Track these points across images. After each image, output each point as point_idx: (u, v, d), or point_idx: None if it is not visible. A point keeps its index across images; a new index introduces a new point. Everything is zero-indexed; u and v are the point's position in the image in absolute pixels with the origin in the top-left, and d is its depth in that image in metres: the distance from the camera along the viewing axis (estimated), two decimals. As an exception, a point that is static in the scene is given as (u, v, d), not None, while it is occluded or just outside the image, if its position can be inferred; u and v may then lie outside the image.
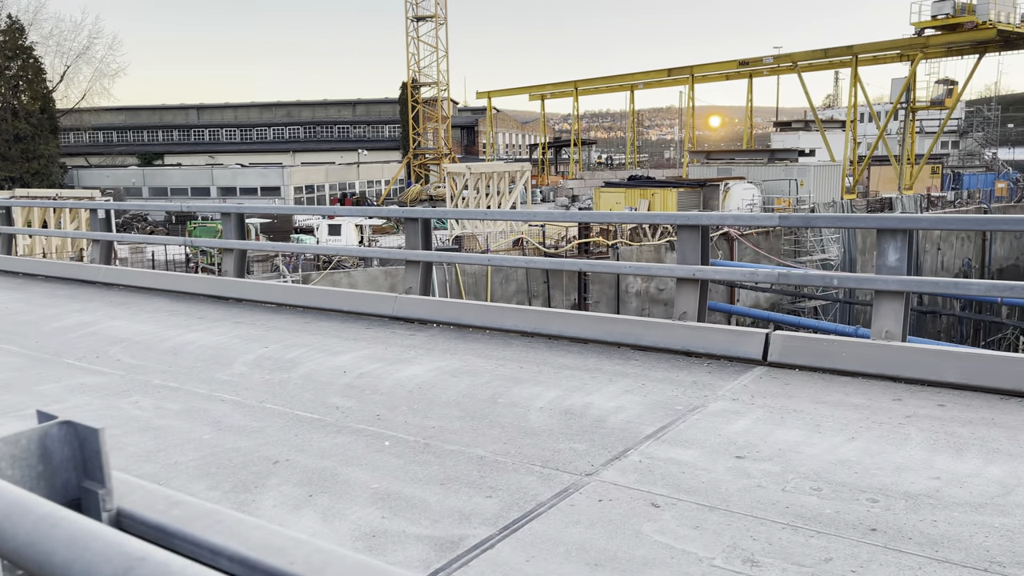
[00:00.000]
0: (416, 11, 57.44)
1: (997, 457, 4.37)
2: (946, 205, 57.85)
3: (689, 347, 6.63)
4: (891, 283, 5.92)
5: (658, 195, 47.68)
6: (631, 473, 4.35)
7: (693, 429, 4.99)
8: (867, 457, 4.45)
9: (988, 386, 5.43)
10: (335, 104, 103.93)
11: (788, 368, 6.20)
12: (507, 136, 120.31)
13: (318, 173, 56.54)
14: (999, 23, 45.66)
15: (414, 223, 8.51)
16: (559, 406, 5.53)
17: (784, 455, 4.53)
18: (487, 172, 35.04)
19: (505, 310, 7.79)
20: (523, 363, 6.66)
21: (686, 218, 6.81)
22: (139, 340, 7.91)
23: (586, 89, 75.30)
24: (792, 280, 6.92)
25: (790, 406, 5.35)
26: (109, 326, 8.65)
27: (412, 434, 5.07)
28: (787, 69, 57.80)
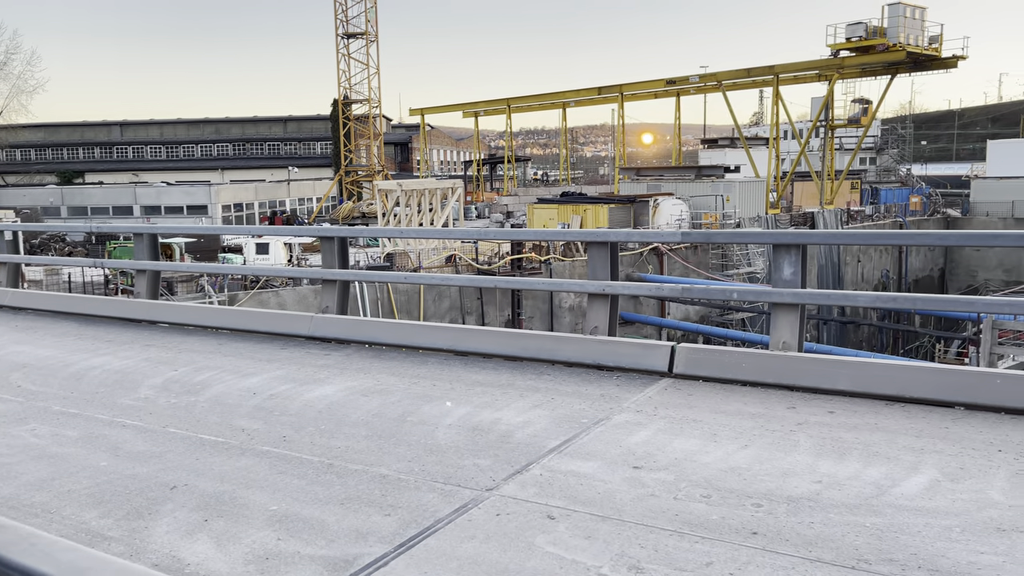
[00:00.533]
0: (347, 28, 57.18)
1: (876, 460, 4.60)
2: (865, 219, 60.24)
3: (600, 361, 6.77)
4: (786, 296, 6.18)
5: (590, 211, 48.33)
6: (531, 487, 4.43)
7: (596, 442, 5.10)
8: (757, 464, 4.63)
9: (876, 393, 5.70)
10: (266, 121, 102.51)
11: (693, 379, 6.39)
12: (442, 153, 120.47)
13: (247, 191, 55.55)
14: (908, 45, 47.95)
15: (330, 242, 8.48)
16: (468, 423, 5.58)
17: (679, 464, 4.67)
18: (419, 189, 35.00)
19: (421, 328, 7.82)
20: (436, 381, 6.70)
21: (595, 235, 6.98)
22: (42, 365, 7.66)
23: (519, 107, 76.05)
24: (694, 294, 7.16)
25: (690, 416, 5.52)
26: (12, 351, 8.35)
27: (317, 455, 5.06)
28: (713, 88, 59.49)
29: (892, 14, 47.76)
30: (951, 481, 4.27)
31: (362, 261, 32.47)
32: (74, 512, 4.27)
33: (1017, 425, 5.06)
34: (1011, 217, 62.69)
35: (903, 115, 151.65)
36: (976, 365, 19.37)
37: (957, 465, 4.47)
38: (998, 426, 5.06)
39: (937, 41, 50.60)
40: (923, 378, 5.57)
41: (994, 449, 4.68)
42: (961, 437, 4.90)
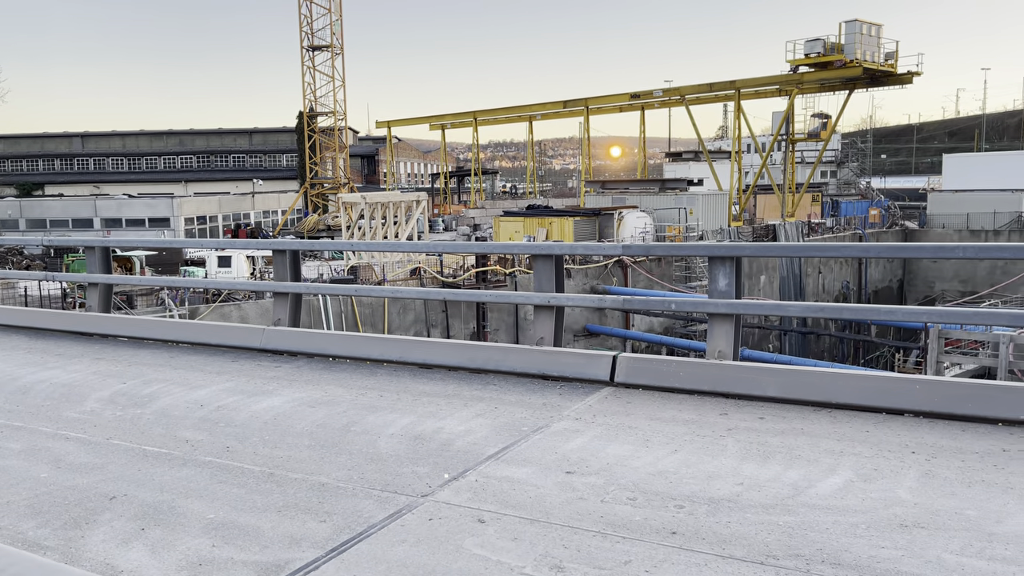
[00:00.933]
0: (312, 41, 57.11)
1: (797, 463, 4.81)
2: (826, 231, 61.40)
3: (545, 371, 6.93)
4: (721, 306, 6.40)
5: (555, 224, 48.68)
6: (465, 492, 4.56)
7: (533, 448, 5.25)
8: (684, 468, 4.81)
9: (804, 399, 5.93)
10: (231, 133, 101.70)
11: (633, 388, 6.57)
12: (409, 165, 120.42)
13: (211, 204, 55.07)
14: (865, 61, 49.14)
15: (282, 255, 8.56)
16: (411, 432, 5.70)
17: (610, 469, 4.84)
18: (383, 202, 35.02)
19: (371, 340, 7.92)
20: (384, 391, 6.81)
21: (540, 248, 7.15)
22: (-11, 380, 7.62)
23: (485, 120, 76.39)
24: (634, 305, 7.34)
25: (626, 423, 5.70)
26: (-42, 366, 8.28)
27: (259, 464, 5.14)
28: (676, 102, 60.36)
29: (849, 31, 48.94)
30: (864, 481, 4.48)
31: (325, 274, 32.39)
32: (12, 523, 4.31)
33: (933, 428, 5.31)
34: (966, 229, 64.30)
35: (864, 129, 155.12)
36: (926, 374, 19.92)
37: (872, 467, 4.69)
38: (915, 429, 5.30)
39: (893, 57, 51.91)
40: (848, 384, 5.80)
41: (908, 451, 4.91)
42: (879, 440, 5.13)
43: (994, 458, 4.74)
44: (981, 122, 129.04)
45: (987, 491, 4.27)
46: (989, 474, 4.50)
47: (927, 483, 4.42)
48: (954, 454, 4.83)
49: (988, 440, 5.03)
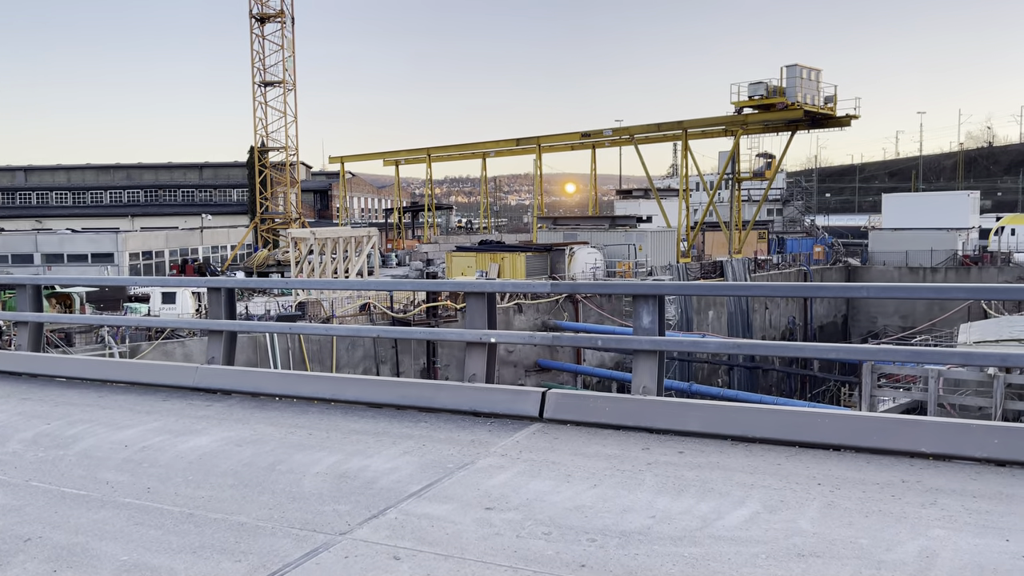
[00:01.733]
0: (264, 76, 57.10)
1: (709, 496, 4.97)
2: (772, 267, 62.88)
3: (476, 407, 7.02)
4: (644, 343, 6.59)
5: (507, 259, 49.00)
6: (384, 530, 4.61)
7: (456, 485, 5.33)
8: (601, 502, 4.93)
9: (724, 433, 6.12)
10: (180, 167, 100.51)
11: (561, 424, 6.70)
12: (363, 200, 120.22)
13: (157, 239, 54.19)
14: (805, 104, 50.92)
15: (216, 293, 8.54)
16: (336, 470, 5.73)
17: (530, 504, 4.94)
18: (333, 237, 34.91)
19: (304, 378, 7.93)
20: (313, 430, 6.82)
21: (472, 285, 7.29)
22: (-94, 421, 7.42)
23: (439, 156, 76.89)
24: (563, 341, 7.51)
25: (550, 459, 5.81)
26: None
27: (179, 505, 5.12)
28: (626, 141, 61.61)
29: (790, 75, 50.72)
30: (769, 513, 4.66)
31: (272, 310, 32.05)
32: (-85, 569, 4.23)
33: (841, 461, 5.53)
34: (905, 266, 66.42)
35: (810, 168, 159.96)
36: (860, 408, 20.50)
37: (779, 498, 4.88)
38: (824, 462, 5.52)
39: (832, 101, 53.87)
40: (764, 419, 6.02)
41: (814, 483, 5.12)
42: (789, 473, 5.33)
43: (893, 488, 4.96)
44: (918, 164, 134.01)
45: (882, 520, 4.48)
46: (886, 504, 4.71)
47: (828, 514, 4.61)
48: (856, 485, 5.04)
49: (889, 471, 5.26)
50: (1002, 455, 5.26)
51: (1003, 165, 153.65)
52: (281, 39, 56.98)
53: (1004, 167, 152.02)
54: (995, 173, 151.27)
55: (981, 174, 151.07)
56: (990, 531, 4.27)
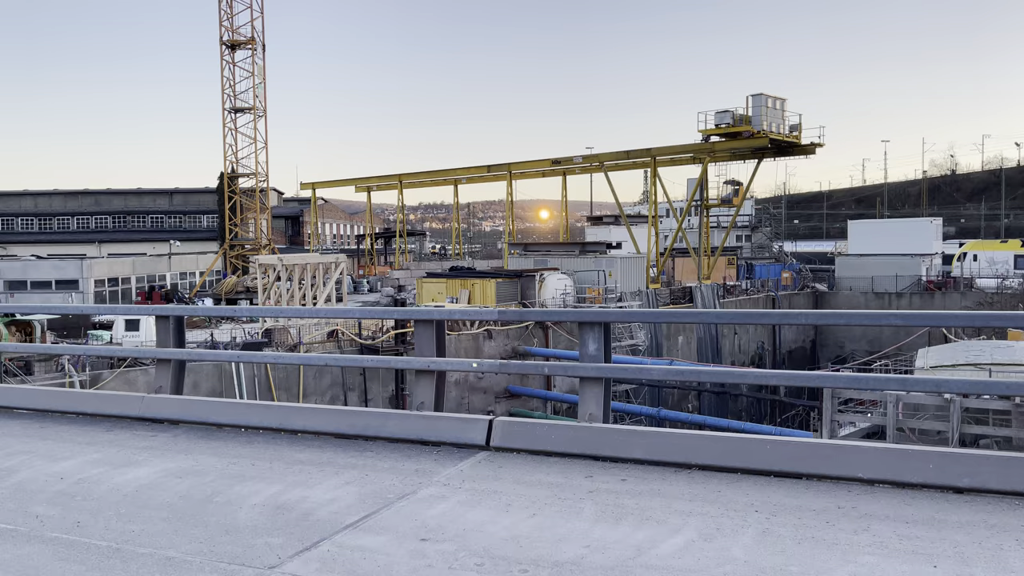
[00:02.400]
0: (234, 103, 56.96)
1: (646, 524, 4.96)
2: (740, 293, 63.51)
3: (423, 436, 6.97)
4: (590, 370, 6.60)
5: (478, 285, 48.98)
6: (314, 563, 4.53)
7: (394, 516, 5.26)
8: (538, 531, 4.90)
9: (667, 460, 6.12)
10: (150, 193, 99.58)
11: (508, 452, 6.66)
12: (336, 227, 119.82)
13: (124, 265, 53.47)
14: (771, 132, 51.81)
15: (165, 321, 8.43)
16: (274, 502, 5.64)
17: (465, 535, 4.88)
18: (300, 263, 34.69)
19: (252, 407, 7.83)
20: (257, 460, 6.71)
21: (420, 313, 7.27)
22: None
23: (411, 183, 76.99)
24: (510, 369, 7.51)
25: (492, 488, 5.77)
26: None
27: (108, 539, 4.99)
28: (596, 168, 62.16)
29: (755, 104, 51.64)
30: (704, 540, 4.65)
31: (239, 337, 31.68)
32: None
33: (780, 487, 5.55)
34: (871, 291, 67.39)
35: (779, 195, 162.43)
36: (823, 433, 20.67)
37: (715, 526, 4.87)
38: (764, 488, 5.53)
39: (797, 129, 54.87)
40: (707, 445, 6.03)
41: (752, 510, 5.12)
42: (729, 500, 5.33)
43: (828, 515, 4.98)
44: (883, 191, 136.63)
45: (814, 548, 4.49)
46: (820, 531, 4.73)
47: (762, 541, 4.61)
48: (792, 512, 5.06)
49: (826, 498, 5.28)
50: (937, 480, 5.31)
51: (966, 192, 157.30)
52: (252, 66, 56.99)
53: (967, 194, 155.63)
54: (958, 200, 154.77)
55: (945, 201, 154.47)
56: (919, 557, 4.30)
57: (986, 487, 5.18)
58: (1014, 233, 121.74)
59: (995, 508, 4.96)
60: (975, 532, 4.61)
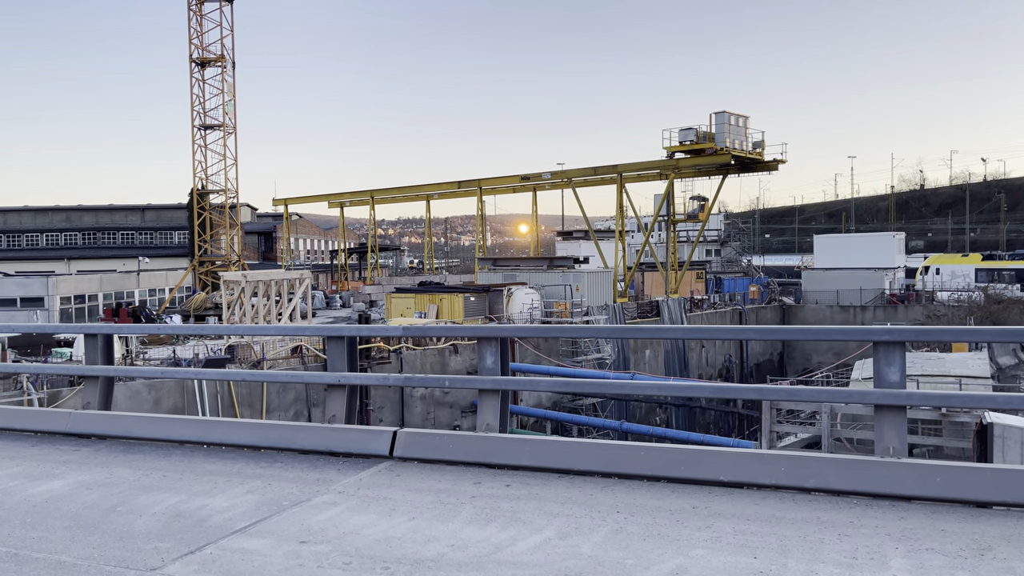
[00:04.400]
0: (204, 120, 57.04)
1: (514, 524, 5.34)
2: (708, 306, 64.33)
3: (332, 447, 7.32)
4: (487, 383, 7.00)
5: (446, 300, 49.31)
6: (195, 564, 4.87)
7: (283, 521, 5.61)
8: (411, 533, 5.27)
9: (553, 467, 6.52)
10: (122, 209, 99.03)
11: (409, 461, 7.03)
12: (310, 242, 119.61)
13: (91, 282, 53.22)
14: (734, 149, 52.77)
15: (93, 339, 8.72)
16: (175, 510, 5.96)
17: (344, 537, 5.24)
18: (265, 280, 34.86)
19: (173, 421, 8.13)
20: (170, 472, 7.03)
21: (331, 330, 7.63)
22: None
23: (383, 198, 77.28)
24: (414, 383, 7.88)
25: (383, 495, 6.13)
26: None
27: (8, 546, 5.29)
28: (565, 184, 62.85)
29: (718, 121, 52.61)
30: (560, 539, 5.05)
31: (202, 353, 31.75)
32: None
33: (650, 490, 5.96)
34: (836, 305, 68.47)
35: (753, 209, 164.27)
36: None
37: (575, 526, 5.27)
38: (632, 492, 5.94)
39: (761, 146, 55.90)
40: (586, 453, 6.44)
41: (614, 511, 5.53)
42: (597, 502, 5.74)
43: (681, 514, 5.40)
44: (851, 206, 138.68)
45: (656, 543, 4.90)
46: (668, 528, 5.14)
47: (612, 538, 5.02)
48: (650, 512, 5.47)
49: (686, 499, 5.71)
50: (788, 482, 5.75)
51: (934, 207, 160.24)
52: (221, 83, 57.13)
53: (935, 209, 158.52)
54: (926, 215, 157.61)
55: (913, 216, 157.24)
56: (745, 550, 4.72)
57: (829, 487, 5.63)
58: (980, 246, 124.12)
59: (831, 506, 5.41)
60: (805, 527, 5.05)
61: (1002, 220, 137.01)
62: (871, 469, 5.52)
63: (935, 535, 4.80)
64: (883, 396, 5.69)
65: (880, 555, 4.54)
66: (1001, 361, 30.37)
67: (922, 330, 5.82)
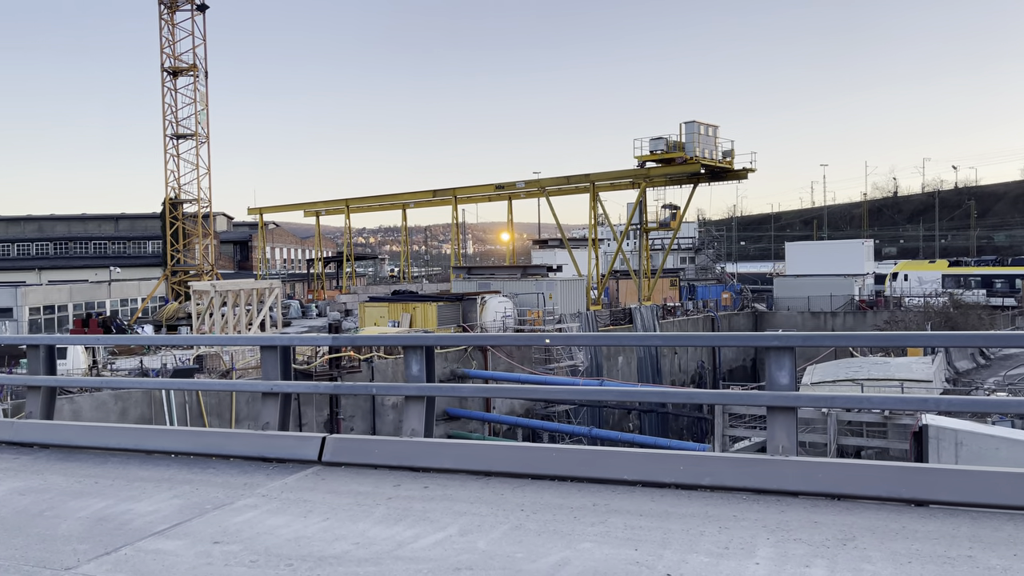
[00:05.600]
0: (176, 129, 56.93)
1: (420, 523, 5.61)
2: (681, 313, 64.97)
3: (264, 453, 7.55)
4: (412, 389, 7.27)
5: (419, 309, 49.47)
6: (108, 564, 5.09)
7: (202, 524, 5.84)
8: (322, 532, 5.52)
9: (473, 469, 6.79)
10: (95, 219, 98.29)
11: (337, 466, 7.27)
12: (286, 251, 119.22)
13: (61, 292, 52.87)
14: (703, 159, 53.43)
15: (35, 349, 8.89)
16: (100, 514, 6.17)
17: (256, 537, 5.48)
18: (234, 290, 34.88)
19: (110, 429, 8.32)
20: (103, 478, 7.22)
21: (264, 340, 7.88)
22: None
23: (358, 207, 77.32)
24: (343, 390, 8.13)
25: (304, 497, 6.37)
26: None
27: (-70, 550, 5.49)
28: (539, 193, 63.27)
29: (688, 131, 53.26)
30: (460, 535, 5.32)
31: (170, 363, 31.72)
32: None
33: (557, 490, 6.24)
34: (807, 311, 69.31)
35: (730, 217, 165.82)
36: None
37: (477, 523, 5.55)
38: (542, 491, 6.23)
39: (731, 155, 56.61)
40: (502, 455, 6.73)
41: (519, 509, 5.81)
42: (505, 501, 6.02)
43: (581, 512, 5.69)
44: (823, 213, 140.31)
45: (548, 539, 5.18)
46: (564, 525, 5.43)
47: (509, 534, 5.30)
48: (552, 510, 5.75)
49: (589, 497, 6.00)
50: (687, 480, 6.06)
51: (906, 214, 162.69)
52: (194, 92, 57.07)
53: (907, 216, 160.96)
54: (899, 222, 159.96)
55: (887, 223, 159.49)
56: (629, 543, 5.03)
57: (723, 484, 5.95)
58: (951, 252, 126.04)
59: (722, 502, 5.73)
60: (691, 521, 5.36)
61: (972, 227, 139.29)
62: (761, 467, 5.84)
63: (807, 527, 5.13)
64: (773, 398, 6.03)
65: (751, 545, 4.86)
66: (959, 365, 31.06)
67: (809, 336, 6.18)
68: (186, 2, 56.21)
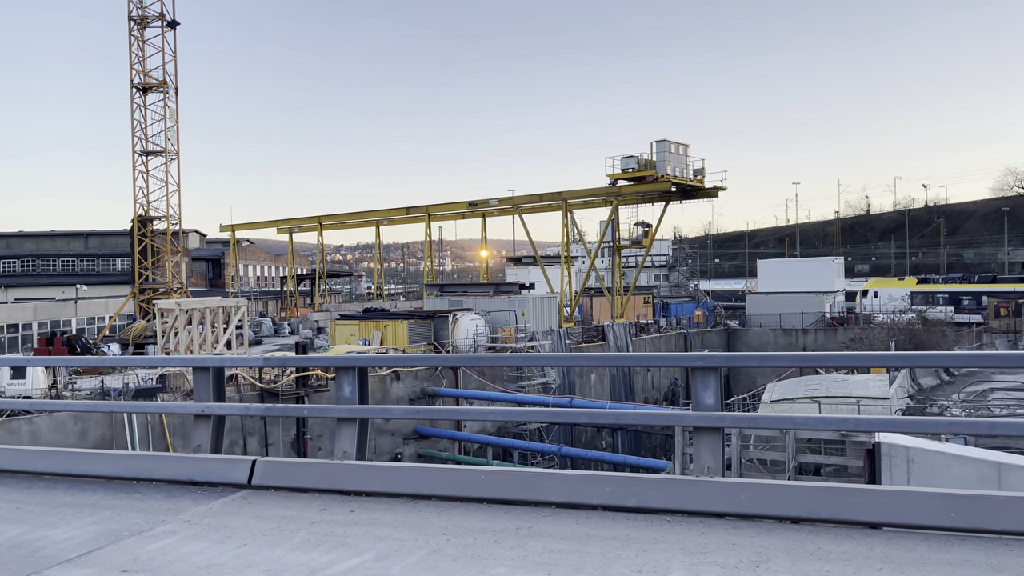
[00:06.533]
0: (146, 146, 56.46)
1: (338, 549, 5.48)
2: (656, 330, 65.22)
3: (193, 477, 7.38)
4: (343, 411, 7.16)
5: (391, 327, 49.23)
6: (7, 595, 4.93)
7: (115, 551, 5.67)
8: (235, 559, 5.38)
9: (405, 492, 6.67)
10: (64, 235, 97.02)
11: (267, 489, 7.13)
12: (259, 268, 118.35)
13: (25, 311, 51.99)
14: (674, 177, 53.91)
15: (-36, 371, 8.67)
16: (13, 541, 5.98)
17: (168, 565, 5.33)
18: (199, 308, 34.49)
19: (40, 453, 8.12)
20: (25, 503, 7.02)
21: (194, 361, 7.74)
22: None
23: (331, 224, 77.05)
24: (274, 412, 8.01)
25: (226, 523, 6.22)
26: None
27: None
28: (512, 210, 63.43)
29: (659, 149, 53.75)
30: (376, 561, 5.20)
31: (131, 383, 31.23)
32: None
33: (484, 512, 6.14)
34: (779, 328, 69.87)
35: (705, 235, 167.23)
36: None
37: (396, 548, 5.44)
38: (468, 514, 6.13)
39: (701, 173, 57.19)
40: (434, 478, 6.62)
41: (440, 533, 5.70)
42: (430, 525, 5.91)
43: (502, 535, 5.60)
44: (795, 231, 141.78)
45: (465, 563, 5.07)
46: (483, 549, 5.33)
47: (426, 559, 5.19)
48: (474, 534, 5.66)
49: (515, 520, 5.91)
50: (613, 502, 6.00)
51: (878, 232, 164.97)
52: (164, 109, 56.69)
53: (879, 233, 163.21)
54: (871, 239, 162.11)
55: (859, 240, 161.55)
56: (544, 567, 4.94)
57: (649, 506, 5.89)
58: (921, 270, 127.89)
59: (645, 524, 5.67)
60: (610, 544, 5.29)
61: (942, 244, 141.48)
62: (686, 488, 5.80)
63: (725, 549, 5.08)
64: (699, 419, 5.99)
65: (664, 568, 4.80)
66: (923, 382, 31.37)
67: (732, 356, 6.16)
68: (156, 18, 55.95)
